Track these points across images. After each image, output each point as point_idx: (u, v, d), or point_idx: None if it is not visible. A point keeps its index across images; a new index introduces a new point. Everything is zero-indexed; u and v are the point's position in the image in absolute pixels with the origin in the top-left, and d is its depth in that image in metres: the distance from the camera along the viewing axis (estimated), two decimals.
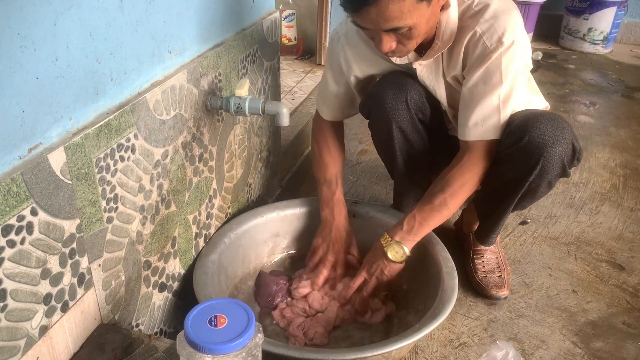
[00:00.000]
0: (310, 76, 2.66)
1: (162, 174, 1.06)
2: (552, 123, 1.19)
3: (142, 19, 0.94)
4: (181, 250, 1.20)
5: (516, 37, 1.15)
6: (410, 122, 1.38)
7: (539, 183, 1.24)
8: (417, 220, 1.26)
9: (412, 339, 1.06)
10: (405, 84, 1.34)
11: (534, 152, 1.19)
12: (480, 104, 1.20)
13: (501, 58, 1.16)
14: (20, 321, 0.76)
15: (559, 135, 1.18)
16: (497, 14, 1.15)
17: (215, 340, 0.70)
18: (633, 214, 1.84)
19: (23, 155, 0.73)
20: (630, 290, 1.49)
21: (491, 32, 1.15)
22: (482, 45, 1.17)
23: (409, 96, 1.34)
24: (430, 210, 1.25)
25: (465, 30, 1.18)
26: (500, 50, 1.15)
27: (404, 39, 1.11)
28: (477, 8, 1.17)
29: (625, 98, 2.89)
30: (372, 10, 1.02)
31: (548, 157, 1.19)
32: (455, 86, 1.31)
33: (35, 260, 0.76)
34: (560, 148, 1.19)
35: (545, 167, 1.20)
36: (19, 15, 0.68)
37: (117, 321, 1.00)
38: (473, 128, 1.22)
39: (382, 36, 1.09)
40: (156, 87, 0.99)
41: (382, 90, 1.37)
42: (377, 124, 1.43)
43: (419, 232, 1.26)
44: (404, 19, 1.04)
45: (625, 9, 3.52)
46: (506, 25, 1.15)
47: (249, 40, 1.37)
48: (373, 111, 1.40)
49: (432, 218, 1.26)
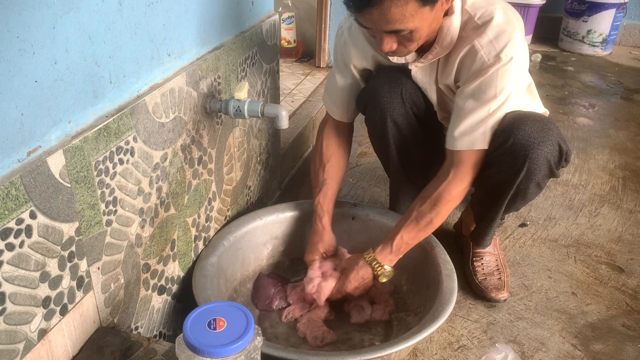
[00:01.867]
0: (309, 79, 2.66)
1: (161, 177, 1.06)
2: (537, 124, 1.19)
3: (141, 22, 0.94)
4: (180, 253, 1.20)
5: (515, 54, 1.14)
6: (405, 116, 1.39)
7: (527, 185, 1.24)
8: (404, 241, 1.26)
9: (411, 342, 1.05)
10: (400, 78, 1.35)
11: (519, 153, 1.19)
12: (470, 116, 1.19)
13: (497, 73, 1.14)
14: (19, 324, 0.76)
15: (544, 137, 1.18)
16: (498, 29, 1.14)
17: (214, 344, 0.70)
18: (632, 216, 1.84)
19: (22, 159, 0.73)
20: (629, 293, 1.49)
21: (489, 48, 1.14)
22: (479, 60, 1.15)
23: (404, 90, 1.35)
24: (417, 231, 1.26)
25: (465, 41, 1.17)
26: (497, 66, 1.14)
27: (405, 41, 1.11)
28: (479, 21, 1.15)
29: (624, 100, 2.90)
30: (375, 12, 1.03)
31: (534, 159, 1.19)
32: (447, 93, 1.31)
33: (34, 264, 0.76)
34: (545, 149, 1.19)
35: (532, 168, 1.20)
36: (18, 19, 0.68)
37: (116, 324, 1.00)
38: (460, 138, 1.21)
39: (383, 36, 1.09)
40: (155, 90, 0.99)
41: (377, 84, 1.37)
42: (372, 118, 1.43)
43: (404, 251, 1.28)
44: (406, 22, 1.04)
45: (624, 11, 3.53)
46: (507, 41, 1.13)
47: (248, 43, 1.37)
48: (369, 105, 1.41)
49: (417, 237, 1.28)
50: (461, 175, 1.23)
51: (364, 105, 1.42)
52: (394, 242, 1.26)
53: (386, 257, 1.27)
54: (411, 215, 1.26)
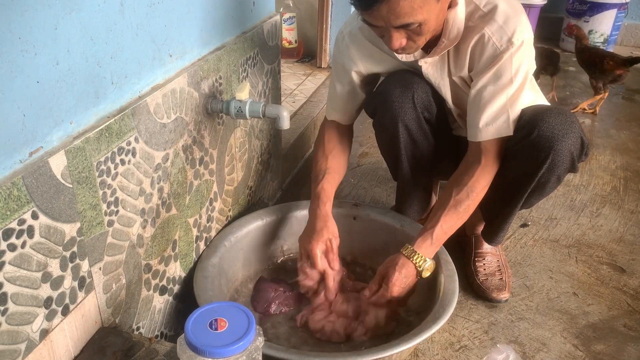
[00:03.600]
0: (310, 79, 2.66)
1: (163, 177, 1.06)
2: (561, 117, 1.20)
3: (143, 23, 0.94)
4: (182, 253, 1.20)
5: (525, 37, 1.16)
6: (416, 121, 1.38)
7: (548, 177, 1.24)
8: (444, 231, 1.23)
9: (412, 343, 1.05)
10: (412, 82, 1.34)
11: (544, 145, 1.19)
12: (490, 104, 1.20)
13: (512, 58, 1.16)
14: (20, 325, 0.76)
15: (568, 129, 1.19)
16: (506, 15, 1.15)
17: (215, 344, 0.70)
18: (634, 216, 1.84)
19: (24, 159, 0.73)
20: (631, 293, 1.49)
21: (500, 34, 1.15)
22: (492, 47, 1.16)
23: (415, 94, 1.34)
24: (457, 219, 1.24)
25: (474, 31, 1.18)
26: (510, 51, 1.15)
27: (414, 35, 1.10)
28: (485, 9, 1.17)
29: (625, 100, 2.89)
30: (383, 7, 1.02)
31: (558, 151, 1.19)
32: (461, 86, 1.30)
33: (35, 264, 0.76)
34: (569, 142, 1.19)
35: (555, 160, 1.20)
36: (20, 20, 0.68)
37: (118, 324, 1.00)
38: (484, 128, 1.22)
39: (392, 33, 1.09)
40: (157, 91, 0.99)
41: (388, 89, 1.36)
42: (382, 123, 1.41)
43: (443, 241, 1.25)
44: (415, 14, 1.04)
45: (626, 11, 3.52)
46: (515, 25, 1.15)
47: (250, 43, 1.37)
48: (379, 109, 1.40)
49: (456, 226, 1.25)
50: (491, 162, 1.24)
51: (373, 109, 1.41)
52: (434, 232, 1.22)
53: (427, 249, 1.22)
54: (449, 203, 1.24)
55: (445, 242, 1.33)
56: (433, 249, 1.24)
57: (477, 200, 1.25)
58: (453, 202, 1.24)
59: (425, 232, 1.24)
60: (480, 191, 1.24)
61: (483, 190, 1.25)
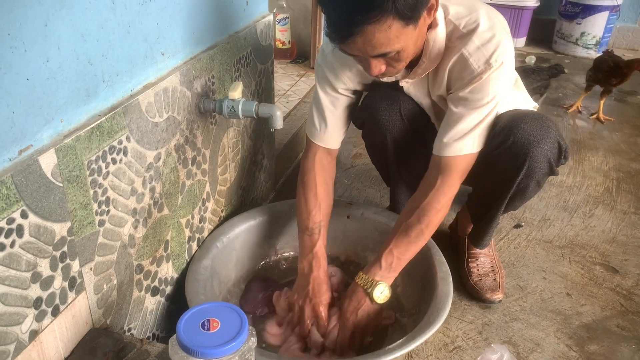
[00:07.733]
0: (304, 80, 2.66)
1: (155, 177, 1.06)
2: (537, 122, 1.19)
3: (135, 21, 0.93)
4: (174, 254, 1.19)
5: (505, 59, 1.12)
6: (404, 133, 1.38)
7: (527, 183, 1.24)
8: (395, 256, 1.19)
9: (405, 349, 1.04)
10: (397, 94, 1.33)
11: (519, 152, 1.19)
12: (460, 122, 1.17)
13: (489, 79, 1.13)
14: (9, 325, 0.75)
15: (543, 135, 1.19)
16: (485, 36, 1.12)
17: (207, 344, 0.69)
18: (626, 217, 1.84)
19: (13, 157, 0.73)
20: (624, 293, 1.50)
21: (478, 55, 1.12)
22: (469, 67, 1.13)
23: (402, 106, 1.34)
24: (408, 244, 1.20)
25: (452, 51, 1.15)
26: (488, 72, 1.12)
27: (393, 62, 1.08)
28: (465, 30, 1.14)
29: (618, 102, 2.91)
30: (359, 40, 0.99)
31: (534, 157, 1.19)
32: (440, 105, 1.30)
33: (25, 264, 0.75)
34: (545, 147, 1.19)
35: (532, 166, 1.21)
36: (9, 16, 0.67)
37: (109, 325, 0.99)
38: (449, 143, 1.18)
39: (370, 61, 1.06)
40: (149, 89, 0.98)
41: (375, 102, 1.35)
42: (371, 135, 1.41)
43: (398, 267, 1.21)
44: (391, 44, 1.01)
45: (618, 13, 3.54)
46: (495, 47, 1.11)
47: (243, 43, 1.36)
48: (367, 122, 1.39)
49: (409, 251, 1.21)
50: (450, 182, 1.20)
51: (361, 122, 1.40)
52: (382, 258, 1.20)
53: (376, 274, 1.19)
54: (399, 229, 1.21)
55: (438, 243, 1.33)
56: (383, 273, 1.19)
57: (430, 224, 1.20)
58: (404, 226, 1.21)
59: (376, 258, 1.22)
60: (435, 214, 1.19)
61: (438, 212, 1.20)
